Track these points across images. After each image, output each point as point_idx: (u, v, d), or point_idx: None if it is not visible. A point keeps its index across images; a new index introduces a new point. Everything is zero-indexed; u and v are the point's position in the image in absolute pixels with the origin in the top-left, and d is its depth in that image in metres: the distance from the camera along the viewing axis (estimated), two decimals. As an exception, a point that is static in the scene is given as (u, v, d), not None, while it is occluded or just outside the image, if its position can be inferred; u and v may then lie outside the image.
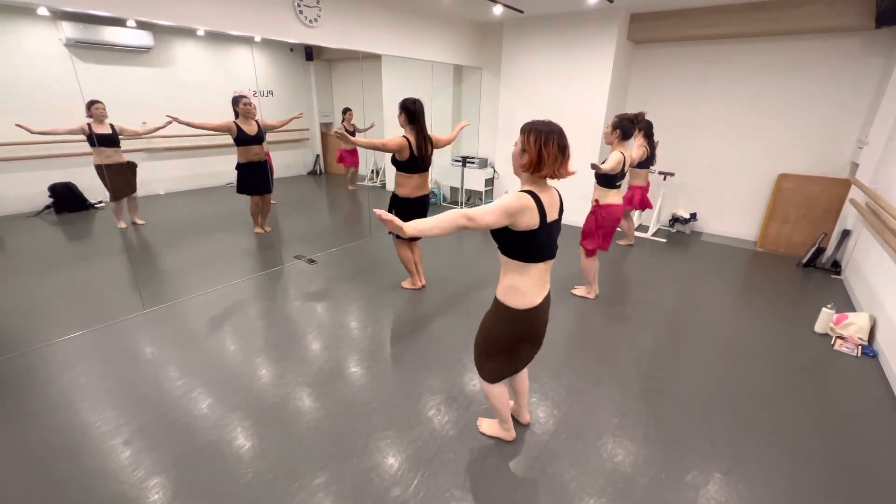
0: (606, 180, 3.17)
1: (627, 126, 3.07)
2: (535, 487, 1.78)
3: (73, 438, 1.97)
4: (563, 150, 1.47)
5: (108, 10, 2.66)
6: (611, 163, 3.02)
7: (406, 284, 3.60)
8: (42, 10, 4.17)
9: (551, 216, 1.54)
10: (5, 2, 2.39)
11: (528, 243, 1.52)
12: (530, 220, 1.47)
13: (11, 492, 1.71)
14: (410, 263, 3.49)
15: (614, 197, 3.21)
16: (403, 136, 3.02)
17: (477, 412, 2.19)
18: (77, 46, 4.82)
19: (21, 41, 4.65)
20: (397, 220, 1.38)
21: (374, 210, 1.44)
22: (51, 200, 5.08)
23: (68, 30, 4.62)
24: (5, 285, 3.51)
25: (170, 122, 4.39)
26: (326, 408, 2.21)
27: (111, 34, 4.95)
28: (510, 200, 1.44)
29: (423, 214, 3.31)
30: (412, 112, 3.00)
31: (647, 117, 3.84)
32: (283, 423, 2.10)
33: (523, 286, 1.58)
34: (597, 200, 3.24)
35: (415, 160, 3.07)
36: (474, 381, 2.43)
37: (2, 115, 4.51)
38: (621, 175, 3.15)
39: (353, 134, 6.94)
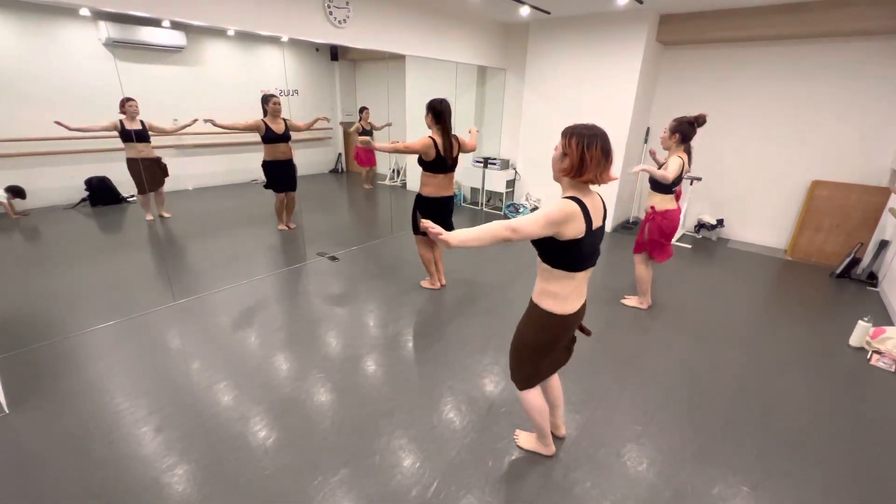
0: (664, 186, 3.00)
1: (687, 129, 2.90)
2: (555, 493, 1.76)
3: (108, 423, 2.05)
4: (606, 154, 1.40)
5: (146, 10, 2.75)
6: (673, 169, 2.85)
7: (425, 284, 3.62)
8: (84, 11, 4.34)
9: (596, 223, 1.49)
10: (51, 2, 2.50)
11: (572, 253, 1.46)
12: (577, 229, 1.40)
13: (53, 470, 1.79)
14: (430, 264, 3.51)
15: (671, 202, 3.06)
16: (430, 137, 3.04)
17: (497, 415, 2.18)
18: (115, 46, 5.01)
19: (62, 40, 4.86)
20: (443, 233, 1.34)
21: (422, 220, 1.38)
22: (87, 193, 5.29)
23: (108, 29, 4.80)
24: (46, 274, 3.66)
25: (195, 121, 4.56)
26: (349, 404, 2.24)
27: (147, 34, 5.12)
28: (554, 209, 1.37)
29: (447, 215, 3.31)
30: (438, 112, 3.00)
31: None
32: (306, 418, 2.13)
33: (561, 292, 1.54)
34: (652, 207, 3.08)
35: (441, 160, 3.08)
36: (494, 383, 2.43)
37: (42, 111, 4.72)
38: (678, 180, 2.97)
39: (370, 133, 7.02)
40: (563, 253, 1.47)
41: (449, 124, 3.06)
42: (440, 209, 3.26)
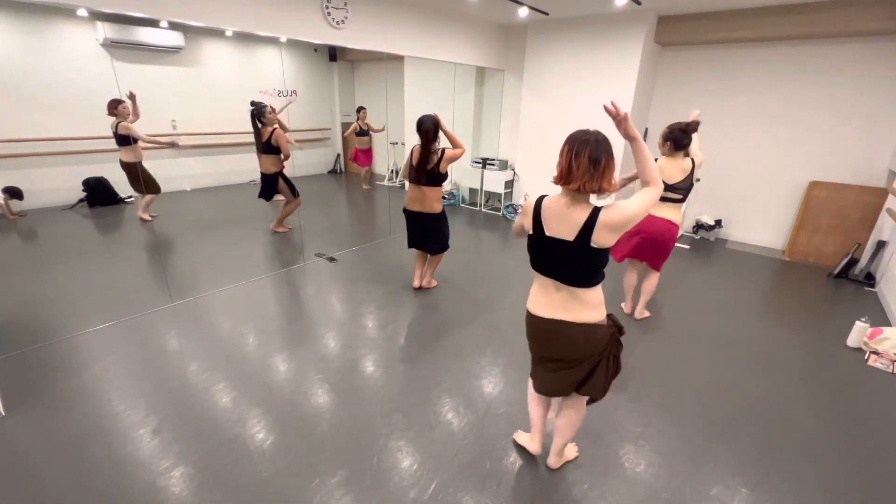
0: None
1: (678, 136, 2.82)
2: (553, 495, 1.76)
3: (104, 426, 2.04)
4: (594, 163, 1.34)
5: (144, 11, 2.74)
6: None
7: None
8: (81, 12, 4.32)
9: (552, 230, 1.43)
10: (49, 3, 2.49)
11: (529, 246, 1.56)
12: (528, 224, 1.53)
13: (50, 473, 1.78)
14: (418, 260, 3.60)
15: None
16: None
17: (495, 416, 2.18)
18: (113, 46, 4.99)
19: (59, 41, 4.84)
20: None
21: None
22: (84, 194, 5.27)
23: (105, 30, 4.78)
24: (42, 276, 3.65)
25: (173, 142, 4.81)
26: (347, 406, 2.24)
27: (145, 34, 5.11)
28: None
29: (419, 230, 3.33)
30: (417, 127, 3.06)
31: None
32: (304, 420, 2.13)
33: (532, 288, 1.63)
34: None
35: (410, 169, 3.18)
36: (493, 385, 2.43)
37: (39, 111, 4.71)
38: (684, 188, 2.87)
39: (366, 133, 7.02)
40: (528, 243, 1.57)
41: (424, 140, 3.04)
42: (411, 222, 3.34)
